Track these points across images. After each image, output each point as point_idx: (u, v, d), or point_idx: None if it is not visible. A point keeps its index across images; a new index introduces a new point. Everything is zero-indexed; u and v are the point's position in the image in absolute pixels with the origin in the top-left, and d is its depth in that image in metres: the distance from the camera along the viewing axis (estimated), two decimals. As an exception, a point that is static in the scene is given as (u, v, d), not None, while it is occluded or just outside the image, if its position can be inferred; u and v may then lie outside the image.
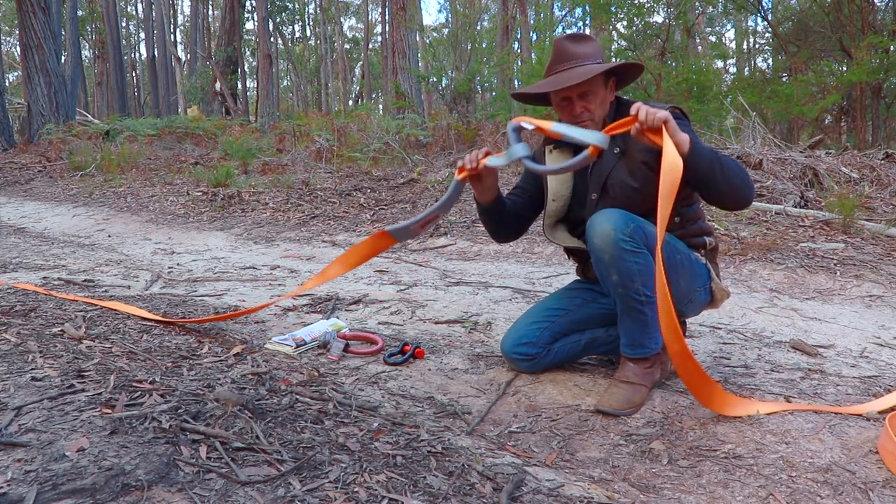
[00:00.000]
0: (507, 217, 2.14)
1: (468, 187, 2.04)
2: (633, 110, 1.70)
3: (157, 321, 2.31)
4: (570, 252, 2.19)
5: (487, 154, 1.91)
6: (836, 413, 1.77)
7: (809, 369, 2.18)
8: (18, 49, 17.75)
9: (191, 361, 1.90)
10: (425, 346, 2.34)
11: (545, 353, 2.06)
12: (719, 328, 2.70)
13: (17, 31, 14.59)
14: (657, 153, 1.74)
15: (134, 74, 37.50)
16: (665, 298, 1.60)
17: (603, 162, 1.93)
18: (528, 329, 2.07)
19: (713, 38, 22.68)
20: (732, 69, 22.55)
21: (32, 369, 1.59)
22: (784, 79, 12.62)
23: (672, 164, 1.64)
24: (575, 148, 1.93)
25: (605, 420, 1.79)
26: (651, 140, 1.69)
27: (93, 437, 1.21)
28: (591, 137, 1.72)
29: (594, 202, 1.97)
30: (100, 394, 1.45)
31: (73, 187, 8.72)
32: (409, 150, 8.42)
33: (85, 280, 3.35)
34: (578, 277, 2.25)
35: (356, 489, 1.21)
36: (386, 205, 6.09)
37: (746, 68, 21.58)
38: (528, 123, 1.83)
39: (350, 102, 32.59)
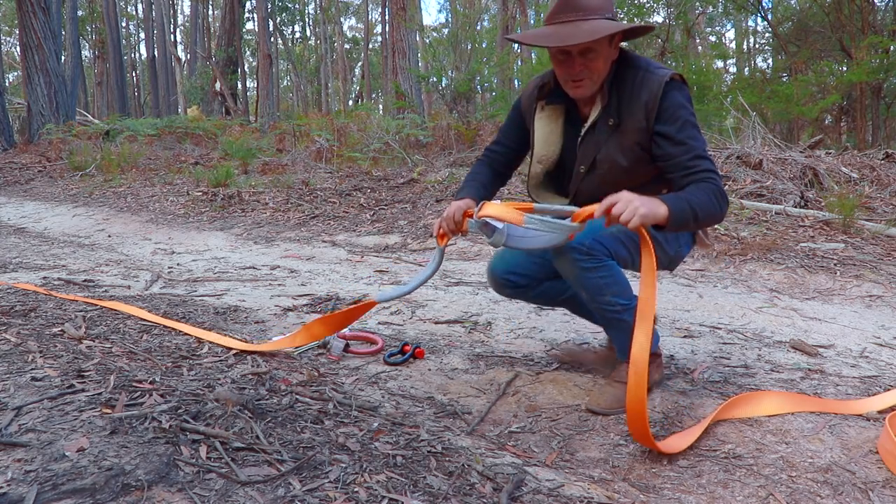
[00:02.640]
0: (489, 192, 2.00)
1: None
2: (602, 208, 1.56)
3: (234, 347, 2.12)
4: None
5: (467, 215, 1.77)
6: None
7: (809, 369, 2.18)
8: (18, 49, 17.75)
9: (191, 361, 1.90)
10: (425, 346, 2.34)
11: (533, 286, 2.00)
12: (719, 328, 2.70)
13: (17, 31, 14.59)
14: (651, 135, 1.72)
15: (134, 74, 37.50)
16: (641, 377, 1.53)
17: (596, 134, 1.81)
18: (523, 259, 1.98)
19: (713, 38, 22.68)
20: (732, 69, 22.57)
21: (32, 369, 1.59)
22: (784, 79, 12.62)
23: (651, 266, 1.58)
24: (566, 107, 1.87)
25: (605, 420, 1.79)
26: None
27: (93, 437, 1.21)
28: (561, 233, 1.62)
29: (581, 175, 1.87)
30: (100, 394, 1.45)
31: (73, 187, 8.72)
32: (409, 150, 8.42)
33: (85, 280, 3.35)
34: None
35: (356, 489, 1.21)
36: (386, 205, 6.09)
37: (746, 68, 21.58)
38: (497, 223, 1.68)
39: (350, 102, 32.59)
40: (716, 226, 4.51)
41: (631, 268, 1.85)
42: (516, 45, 16.60)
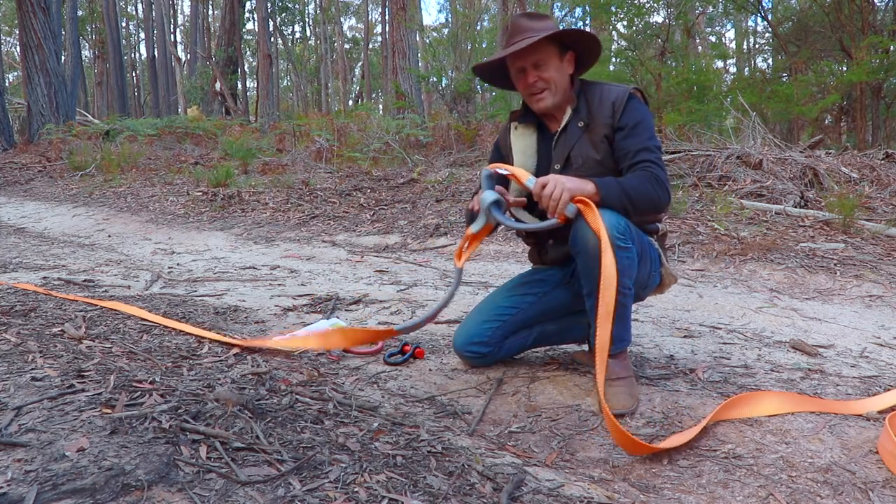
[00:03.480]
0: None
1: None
2: (536, 189, 1.78)
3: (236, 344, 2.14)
4: (528, 234, 2.21)
5: (468, 233, 1.98)
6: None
7: (809, 369, 2.18)
8: (18, 49, 17.75)
9: (191, 361, 1.90)
10: (425, 346, 2.34)
11: (496, 350, 2.13)
12: (719, 328, 2.70)
13: (17, 31, 14.59)
14: (613, 128, 1.92)
15: (134, 74, 37.50)
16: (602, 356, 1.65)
17: (568, 135, 1.98)
18: (479, 328, 2.11)
19: (713, 38, 22.68)
20: (732, 69, 22.55)
21: (32, 369, 1.59)
22: (784, 79, 12.61)
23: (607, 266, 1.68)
24: (538, 124, 2.07)
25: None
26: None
27: (93, 437, 1.21)
28: (546, 222, 1.84)
29: (556, 172, 1.99)
30: (100, 394, 1.45)
31: (73, 187, 8.72)
32: (409, 150, 8.42)
33: (85, 280, 3.35)
34: (532, 264, 2.27)
35: (356, 489, 1.21)
36: (386, 205, 6.09)
37: (746, 68, 21.56)
38: (503, 170, 1.90)
39: (350, 102, 32.60)
40: (715, 225, 4.51)
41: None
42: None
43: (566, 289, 2.12)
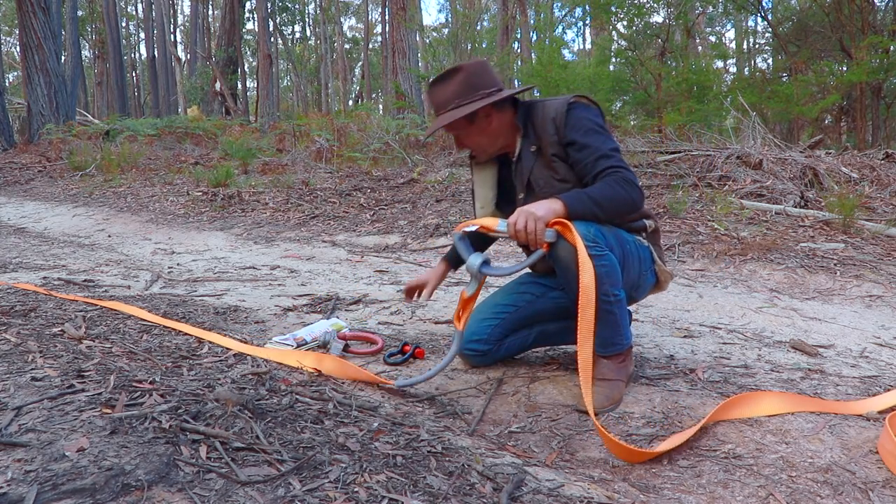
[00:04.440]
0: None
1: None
2: (511, 231, 1.73)
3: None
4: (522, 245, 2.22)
5: (463, 296, 1.94)
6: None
7: (809, 369, 2.17)
8: (18, 49, 17.75)
9: (191, 361, 1.90)
10: (425, 346, 2.34)
11: (496, 348, 2.13)
12: (719, 328, 2.70)
13: (17, 31, 14.59)
14: (564, 145, 1.89)
15: (134, 74, 37.50)
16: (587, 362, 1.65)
17: (523, 162, 1.98)
18: (479, 326, 2.11)
19: (713, 38, 22.66)
20: (732, 69, 22.55)
21: (32, 369, 1.59)
22: (784, 79, 12.61)
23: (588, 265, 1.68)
24: (498, 158, 2.09)
25: (604, 420, 1.79)
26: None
27: (93, 437, 1.21)
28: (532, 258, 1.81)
29: (522, 201, 2.00)
30: (100, 394, 1.45)
31: (73, 187, 8.73)
32: (409, 150, 8.42)
33: (85, 280, 3.35)
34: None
35: (356, 489, 1.21)
36: (386, 205, 6.09)
37: (746, 68, 21.56)
38: (471, 227, 1.86)
39: (350, 102, 32.59)
40: (715, 225, 4.51)
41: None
42: (516, 45, 16.62)
43: (564, 291, 2.12)
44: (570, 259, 1.74)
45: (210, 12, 29.50)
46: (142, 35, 36.60)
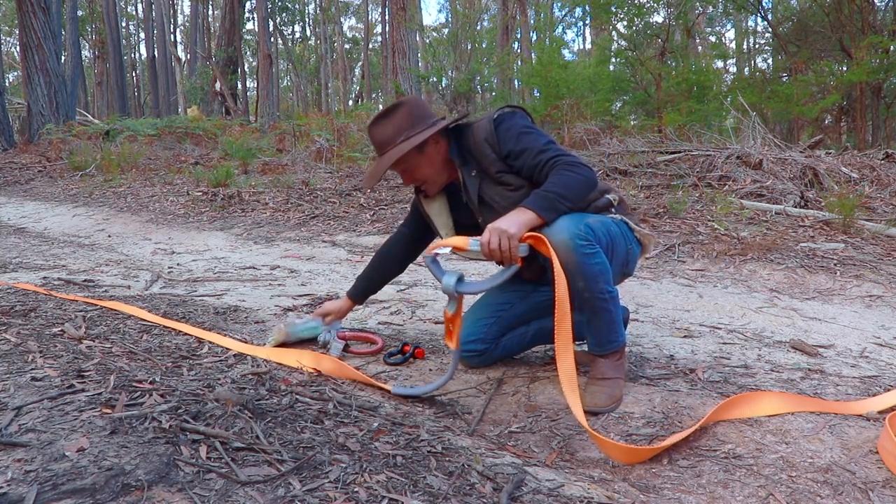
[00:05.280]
0: (386, 271, 2.33)
1: None
2: (486, 252, 1.72)
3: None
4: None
5: (447, 315, 1.91)
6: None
7: (809, 369, 2.17)
8: (18, 49, 17.74)
9: (191, 361, 1.90)
10: (425, 346, 2.34)
11: (493, 347, 2.13)
12: (719, 328, 2.70)
13: (17, 31, 14.59)
14: (503, 159, 1.91)
15: (134, 74, 37.50)
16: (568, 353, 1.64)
17: (469, 188, 2.00)
18: (475, 326, 2.12)
19: (713, 38, 22.66)
20: (732, 69, 22.55)
21: (32, 369, 1.59)
22: (784, 79, 12.61)
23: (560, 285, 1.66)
24: (448, 187, 2.10)
25: (604, 420, 1.79)
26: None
27: (93, 437, 1.21)
28: (507, 272, 1.79)
29: (484, 223, 1.99)
30: (100, 394, 1.45)
31: (73, 187, 8.72)
32: (409, 150, 8.40)
33: (85, 280, 3.35)
34: None
35: (356, 489, 1.20)
36: (386, 205, 6.09)
37: (746, 68, 21.56)
38: (443, 248, 1.84)
39: (350, 102, 32.60)
40: (715, 225, 4.51)
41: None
42: (516, 45, 16.61)
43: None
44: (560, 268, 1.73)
45: (210, 12, 29.50)
46: (142, 35, 36.64)
